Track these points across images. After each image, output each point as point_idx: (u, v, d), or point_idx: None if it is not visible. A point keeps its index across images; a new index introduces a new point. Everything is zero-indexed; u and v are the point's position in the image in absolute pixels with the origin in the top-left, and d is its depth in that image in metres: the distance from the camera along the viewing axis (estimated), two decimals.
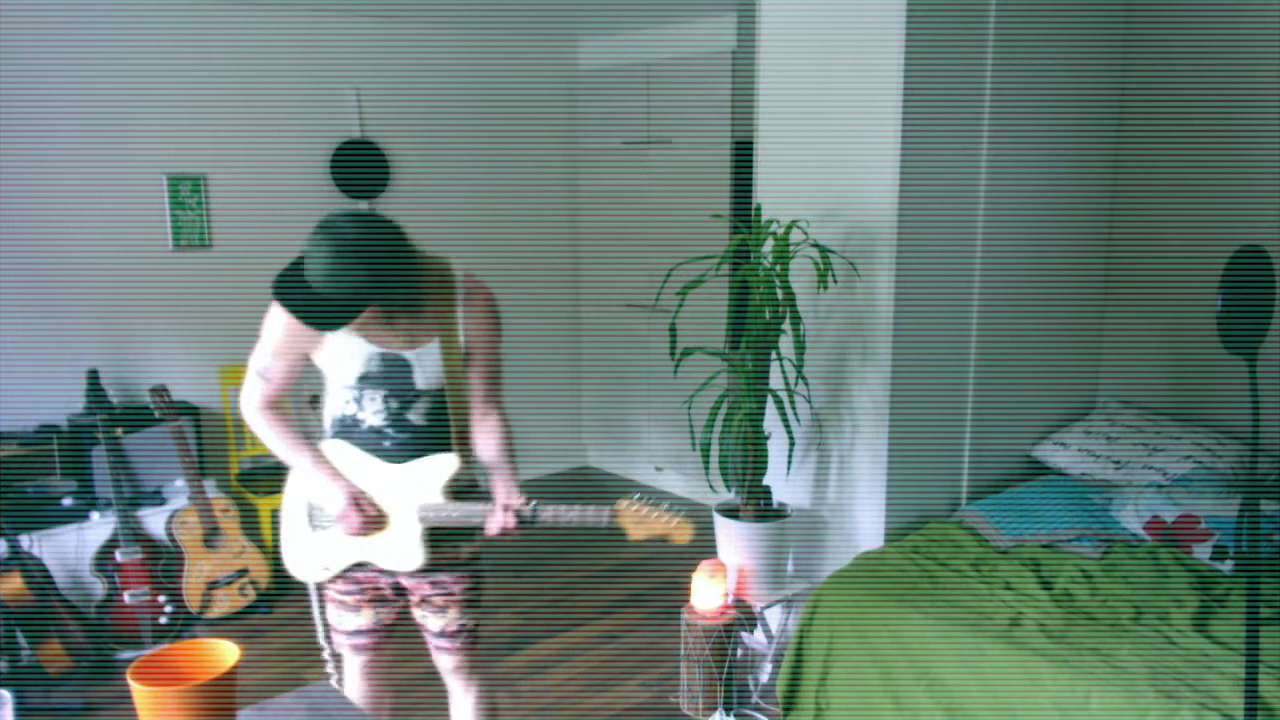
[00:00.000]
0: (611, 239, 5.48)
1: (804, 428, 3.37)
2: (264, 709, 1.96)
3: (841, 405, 3.32)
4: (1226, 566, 2.96)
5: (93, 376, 3.95)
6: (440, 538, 2.21)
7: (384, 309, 2.04)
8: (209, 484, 3.95)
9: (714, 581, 3.06)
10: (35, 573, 3.39)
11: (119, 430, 3.72)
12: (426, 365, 2.13)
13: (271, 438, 2.19)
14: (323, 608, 2.38)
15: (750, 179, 3.56)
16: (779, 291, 3.10)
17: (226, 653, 1.73)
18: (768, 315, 3.11)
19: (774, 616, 3.42)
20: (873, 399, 3.21)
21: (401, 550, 2.18)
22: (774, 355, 3.18)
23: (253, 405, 2.19)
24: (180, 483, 3.85)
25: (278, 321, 2.12)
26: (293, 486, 2.29)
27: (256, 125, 4.45)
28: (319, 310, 1.96)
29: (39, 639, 3.34)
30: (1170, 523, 3.11)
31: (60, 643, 3.35)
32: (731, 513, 3.28)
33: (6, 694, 1.76)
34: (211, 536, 3.84)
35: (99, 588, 3.61)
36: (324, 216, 2.00)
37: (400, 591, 2.31)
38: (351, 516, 2.12)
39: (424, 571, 2.23)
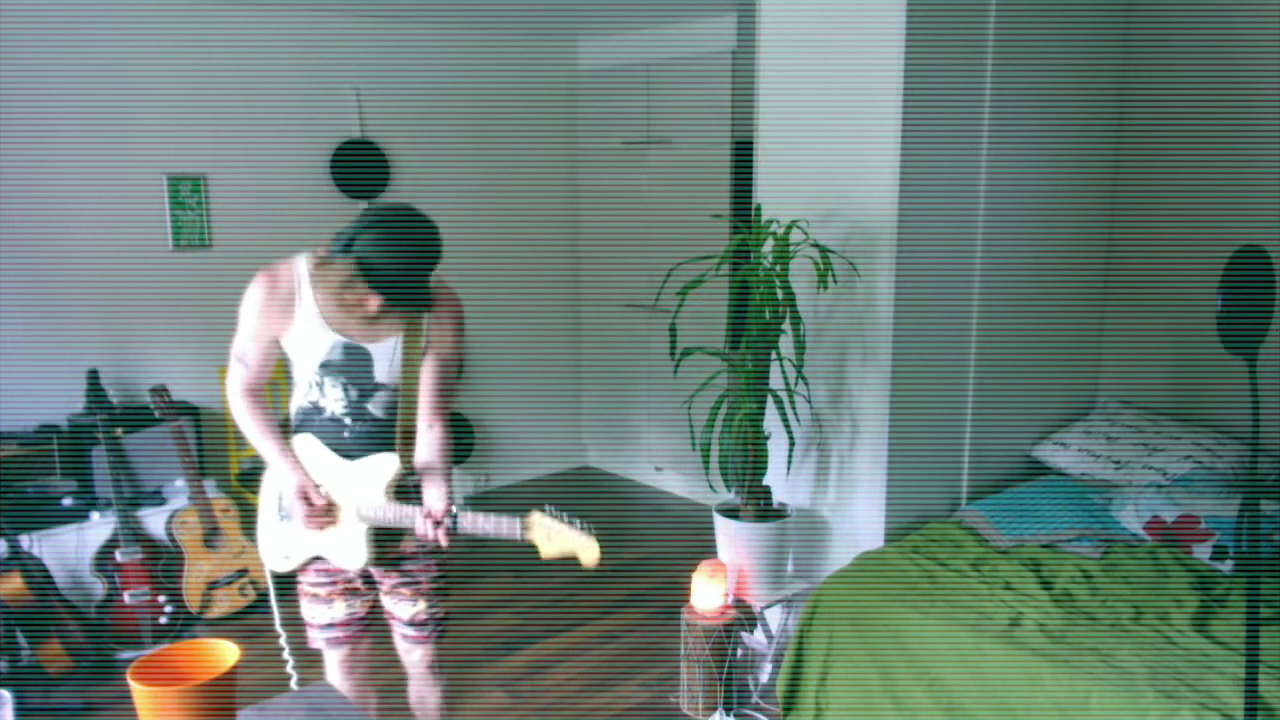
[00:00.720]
0: (611, 239, 5.48)
1: (804, 428, 3.37)
2: (264, 709, 1.96)
3: (841, 405, 3.32)
4: (1226, 566, 2.96)
5: (93, 376, 3.95)
6: (384, 534, 2.24)
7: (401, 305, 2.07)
8: (209, 484, 3.95)
9: (714, 581, 3.06)
10: (35, 573, 3.39)
11: (119, 430, 3.73)
12: (386, 360, 2.18)
13: (248, 423, 2.24)
14: (279, 601, 2.40)
15: (750, 179, 3.56)
16: (779, 291, 3.10)
17: (226, 653, 1.73)
18: (768, 315, 3.11)
19: (774, 616, 3.42)
20: (873, 399, 3.21)
21: (347, 547, 2.22)
22: (774, 355, 3.18)
23: (233, 390, 2.25)
24: (180, 483, 3.85)
25: (254, 302, 2.15)
26: (267, 476, 2.33)
27: (256, 125, 4.46)
28: (412, 293, 2.03)
29: (39, 639, 3.34)
30: (1170, 523, 3.11)
31: (60, 643, 3.35)
32: (731, 513, 3.28)
33: (6, 694, 1.76)
34: (211, 536, 3.84)
35: (99, 588, 3.61)
36: (389, 206, 2.05)
37: (370, 583, 2.34)
38: (298, 508, 2.17)
39: (392, 560, 2.28)
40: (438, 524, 2.12)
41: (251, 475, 4.40)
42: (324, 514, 2.20)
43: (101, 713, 3.23)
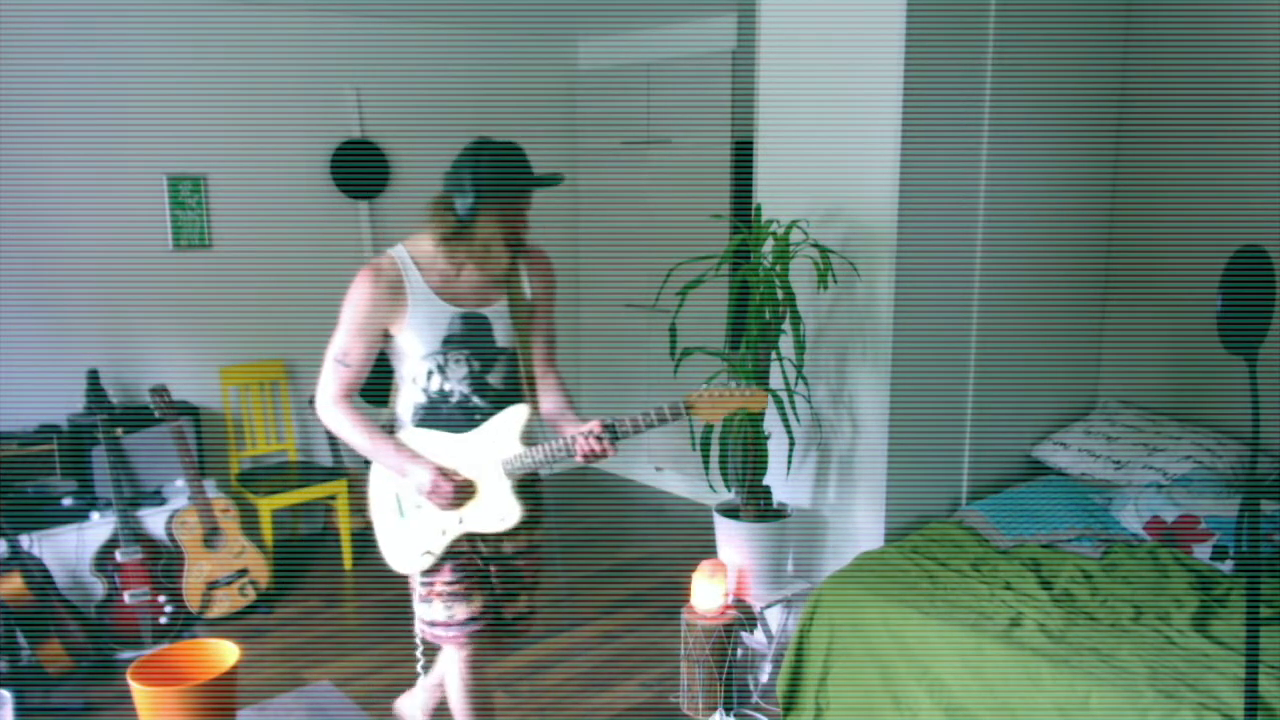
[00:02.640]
0: (611, 239, 5.48)
1: (804, 428, 3.37)
2: (264, 709, 1.96)
3: (841, 405, 3.32)
4: (1226, 566, 2.96)
5: (93, 376, 3.95)
6: (527, 487, 2.28)
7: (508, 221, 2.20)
8: (209, 484, 3.95)
9: (714, 581, 3.06)
10: (35, 573, 3.39)
11: (119, 430, 3.72)
12: (502, 322, 2.24)
13: (350, 431, 2.21)
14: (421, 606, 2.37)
15: (750, 179, 3.56)
16: (779, 291, 3.10)
17: (226, 653, 1.74)
18: (768, 315, 3.12)
19: (774, 616, 3.42)
20: (873, 399, 3.21)
21: (498, 508, 2.22)
22: (774, 355, 3.18)
23: (329, 398, 2.22)
24: (180, 483, 3.85)
25: (362, 296, 2.16)
26: (377, 481, 2.32)
27: (256, 125, 4.46)
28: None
29: (39, 639, 3.33)
30: (1170, 523, 3.11)
31: (60, 643, 3.35)
32: (731, 513, 3.28)
33: (6, 694, 1.76)
34: (211, 536, 3.84)
35: (99, 588, 3.61)
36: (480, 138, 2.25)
37: (488, 576, 2.35)
38: (441, 486, 2.16)
39: (507, 556, 2.33)
40: (599, 437, 2.13)
41: (252, 475, 4.40)
42: (460, 490, 2.19)
43: (101, 713, 3.23)
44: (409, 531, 2.27)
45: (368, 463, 2.32)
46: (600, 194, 5.51)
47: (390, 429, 2.29)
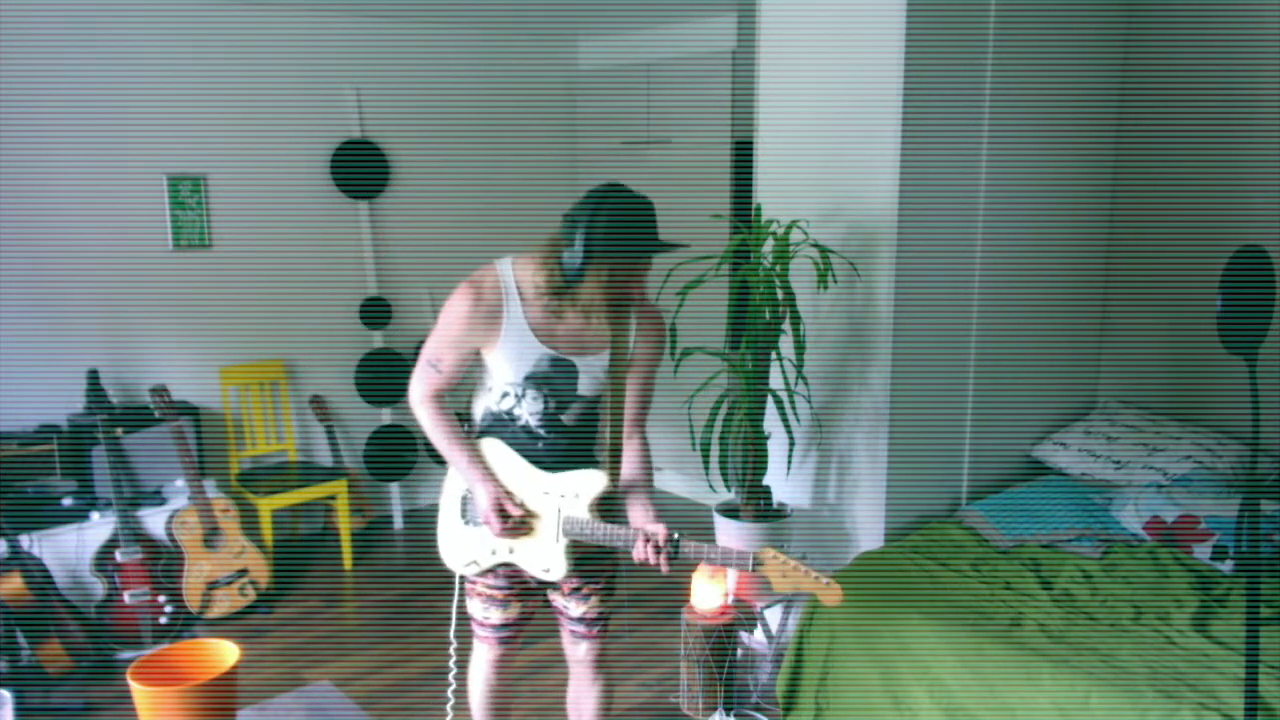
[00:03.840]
0: None
1: (804, 428, 3.37)
2: (264, 709, 1.96)
3: (841, 405, 3.32)
4: (1226, 566, 2.96)
5: (93, 376, 3.95)
6: (584, 548, 2.22)
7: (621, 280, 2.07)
8: (209, 484, 3.95)
9: (714, 581, 3.06)
10: (35, 573, 3.39)
11: (119, 430, 3.72)
12: (591, 373, 2.17)
13: (433, 430, 2.21)
14: (463, 600, 2.38)
15: (750, 179, 3.56)
16: (779, 291, 3.10)
17: (226, 653, 1.74)
18: (768, 315, 3.11)
19: (774, 616, 3.42)
20: (873, 399, 3.21)
21: (545, 559, 2.19)
22: (774, 355, 3.17)
23: (419, 394, 2.21)
24: (180, 483, 3.85)
25: (458, 313, 2.12)
26: (450, 479, 2.31)
27: (256, 125, 4.45)
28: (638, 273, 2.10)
29: (39, 639, 3.33)
30: (1170, 523, 3.11)
31: (60, 643, 3.35)
32: (731, 513, 3.28)
33: (6, 694, 1.76)
34: (211, 536, 3.84)
35: (99, 588, 3.61)
36: (606, 188, 2.09)
37: (544, 584, 2.32)
38: (494, 521, 2.13)
39: (588, 576, 2.29)
40: (658, 550, 2.07)
41: (252, 475, 4.40)
42: (518, 526, 2.16)
43: (101, 713, 3.23)
44: (464, 536, 2.27)
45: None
46: None
47: (462, 416, 2.27)
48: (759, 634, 3.38)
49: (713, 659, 3.01)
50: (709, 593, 3.05)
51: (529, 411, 2.18)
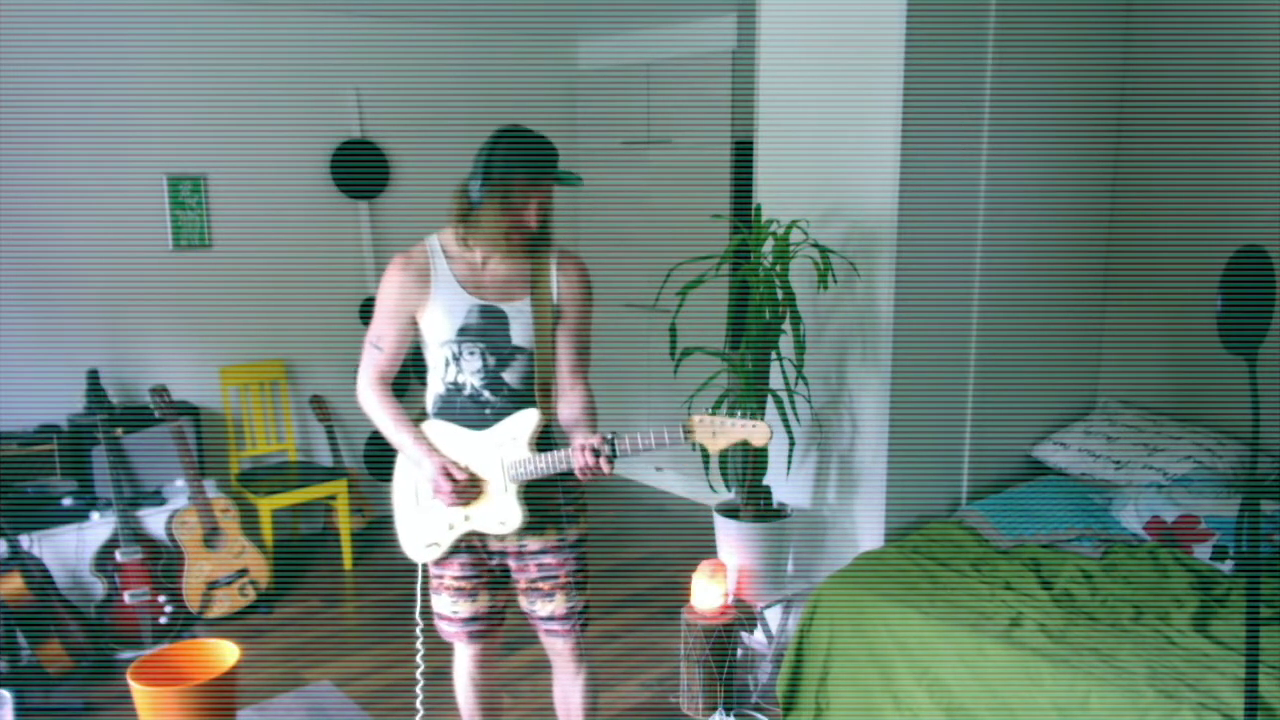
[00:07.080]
0: (611, 239, 5.48)
1: (804, 428, 3.37)
2: (264, 709, 1.96)
3: (841, 405, 3.32)
4: (1226, 566, 2.96)
5: (93, 376, 3.95)
6: (545, 515, 2.25)
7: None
8: (209, 484, 3.95)
9: (714, 581, 3.06)
10: (35, 573, 3.39)
11: (119, 430, 3.72)
12: (521, 320, 2.22)
13: (379, 414, 2.27)
14: (426, 597, 2.40)
15: (750, 179, 3.56)
16: (779, 291, 3.10)
17: (226, 653, 1.74)
18: (768, 315, 3.11)
19: (774, 616, 3.42)
20: (873, 399, 3.21)
21: (500, 511, 2.21)
22: (774, 355, 3.18)
23: (364, 380, 2.28)
24: (180, 483, 3.85)
25: (392, 284, 2.21)
26: (400, 468, 2.35)
27: (256, 125, 4.46)
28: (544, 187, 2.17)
29: (39, 639, 3.34)
30: (1170, 523, 3.11)
31: (60, 643, 3.35)
32: (731, 513, 3.28)
33: (6, 694, 1.76)
34: (211, 536, 3.84)
35: (99, 588, 3.61)
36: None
37: (508, 574, 2.34)
38: (442, 484, 2.17)
39: (531, 553, 2.28)
40: (596, 452, 2.10)
41: (252, 475, 4.40)
42: (467, 488, 2.19)
43: (101, 713, 3.23)
44: (422, 521, 2.29)
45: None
46: (600, 194, 5.50)
47: (421, 419, 2.31)
48: (759, 634, 3.38)
49: (713, 659, 3.01)
50: (709, 593, 3.05)
51: (471, 373, 2.21)
